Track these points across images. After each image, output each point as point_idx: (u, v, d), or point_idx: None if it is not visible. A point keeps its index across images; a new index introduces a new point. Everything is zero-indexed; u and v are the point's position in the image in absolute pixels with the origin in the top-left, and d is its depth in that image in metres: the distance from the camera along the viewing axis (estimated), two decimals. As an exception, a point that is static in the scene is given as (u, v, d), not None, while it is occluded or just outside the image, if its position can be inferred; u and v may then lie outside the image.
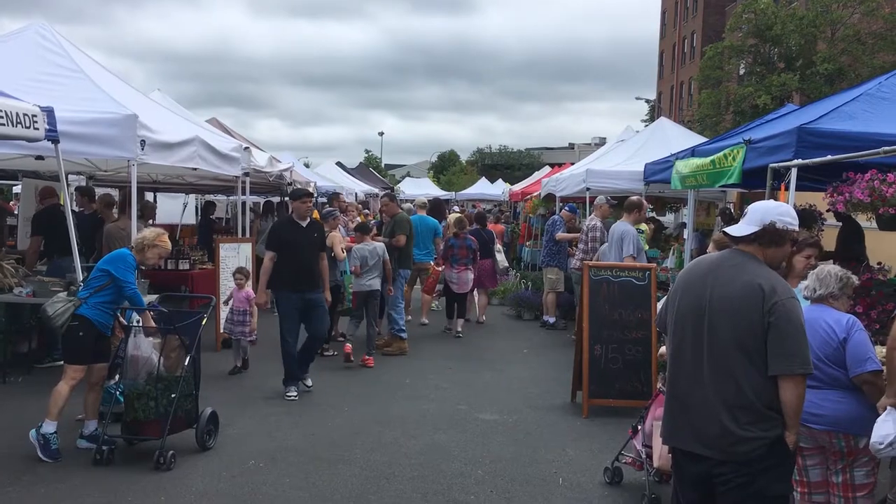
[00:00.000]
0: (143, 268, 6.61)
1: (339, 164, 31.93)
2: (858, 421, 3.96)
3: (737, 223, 3.63)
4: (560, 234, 12.67)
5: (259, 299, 8.43)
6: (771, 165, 6.96)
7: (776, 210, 3.54)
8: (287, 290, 8.03)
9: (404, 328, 10.46)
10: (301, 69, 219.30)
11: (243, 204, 11.60)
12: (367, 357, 9.54)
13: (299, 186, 15.33)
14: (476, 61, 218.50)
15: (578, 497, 5.54)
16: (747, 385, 3.36)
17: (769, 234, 3.49)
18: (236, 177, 10.47)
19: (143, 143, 7.57)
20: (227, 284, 10.07)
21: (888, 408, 3.51)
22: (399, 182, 52.13)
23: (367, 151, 75.54)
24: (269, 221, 13.53)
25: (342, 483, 5.66)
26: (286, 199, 14.63)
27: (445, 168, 75.22)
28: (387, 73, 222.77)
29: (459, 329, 11.91)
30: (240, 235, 11.51)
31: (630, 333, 7.76)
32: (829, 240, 9.21)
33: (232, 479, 5.66)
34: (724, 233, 3.65)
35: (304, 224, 8.20)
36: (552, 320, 12.76)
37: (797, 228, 3.55)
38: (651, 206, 17.50)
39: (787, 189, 6.96)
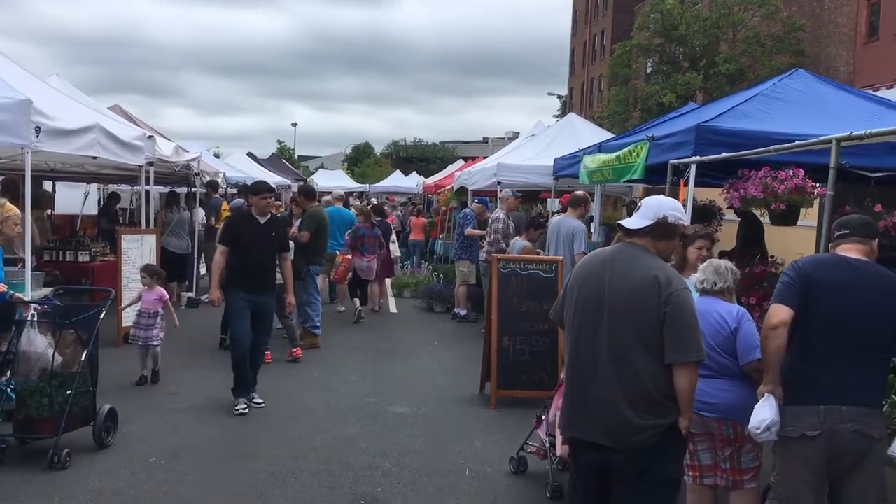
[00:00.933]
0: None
1: (250, 154, 31.32)
2: (746, 409, 4.13)
3: None
4: (469, 231, 12.77)
5: (212, 296, 7.56)
6: (671, 162, 7.19)
7: (668, 205, 3.67)
8: (238, 290, 7.33)
9: (318, 325, 10.34)
10: (212, 57, 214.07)
11: (147, 194, 11.24)
12: (293, 350, 9.43)
13: (210, 178, 15.05)
14: (392, 53, 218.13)
15: (484, 487, 5.61)
16: (645, 374, 3.46)
17: (661, 228, 3.60)
18: (139, 166, 10.15)
19: (38, 129, 7.23)
20: (129, 277, 9.77)
21: (766, 394, 3.69)
22: (313, 174, 51.53)
23: (279, 142, 74.18)
24: (175, 213, 13.16)
25: (247, 479, 5.57)
26: (192, 189, 14.28)
27: (360, 160, 74.71)
28: (301, 63, 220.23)
29: (363, 314, 12.49)
30: (143, 227, 11.16)
31: (537, 325, 7.88)
32: (728, 235, 9.57)
33: (131, 477, 5.50)
34: (619, 225, 3.75)
35: (263, 221, 7.52)
36: (463, 313, 12.86)
37: (685, 223, 3.68)
38: (561, 201, 17.86)
39: (686, 185, 7.21)
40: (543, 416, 5.60)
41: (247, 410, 7.13)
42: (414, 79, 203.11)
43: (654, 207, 3.65)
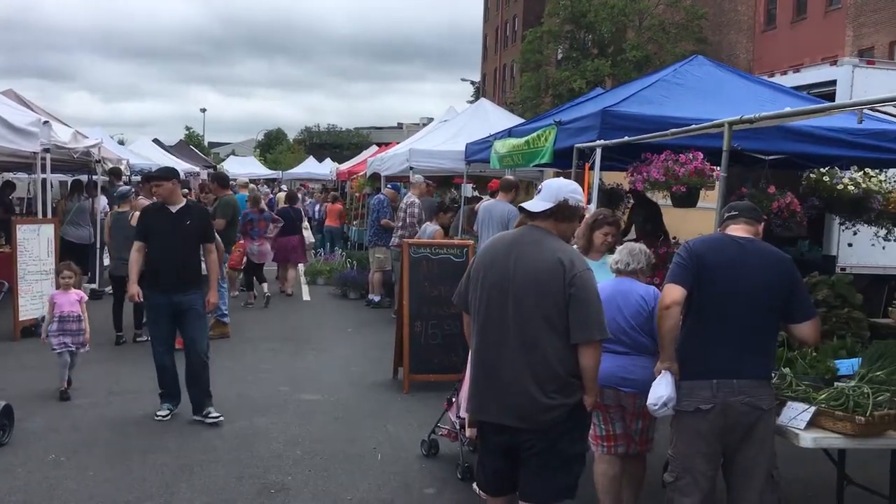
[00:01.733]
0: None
1: (156, 140, 30.37)
2: None
3: None
4: (385, 221, 12.72)
5: (131, 290, 6.79)
6: (576, 146, 7.32)
7: (568, 188, 3.73)
8: (151, 289, 6.65)
9: (227, 313, 10.14)
10: (114, 39, 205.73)
11: (44, 182, 10.77)
12: None
13: (112, 165, 14.52)
14: (302, 37, 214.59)
15: (396, 471, 5.63)
16: (552, 355, 3.53)
17: (563, 210, 3.67)
18: (34, 153, 9.71)
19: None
20: (25, 269, 9.36)
21: (663, 371, 3.81)
22: (223, 161, 50.40)
23: (188, 129, 72.21)
24: (75, 201, 12.67)
25: (152, 472, 5.44)
26: (93, 177, 13.78)
27: (272, 146, 73.51)
28: (208, 47, 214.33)
29: (266, 292, 12.79)
30: (40, 216, 10.70)
31: (449, 309, 7.89)
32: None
33: (28, 476, 5.30)
34: (521, 208, 3.80)
35: (175, 209, 6.72)
36: (377, 299, 12.83)
37: (584, 205, 3.76)
38: (474, 186, 17.99)
39: (591, 169, 7.36)
40: (454, 399, 5.64)
41: (167, 417, 6.59)
42: (326, 64, 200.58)
43: (555, 190, 3.70)
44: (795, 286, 3.82)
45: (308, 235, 15.16)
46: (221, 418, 6.52)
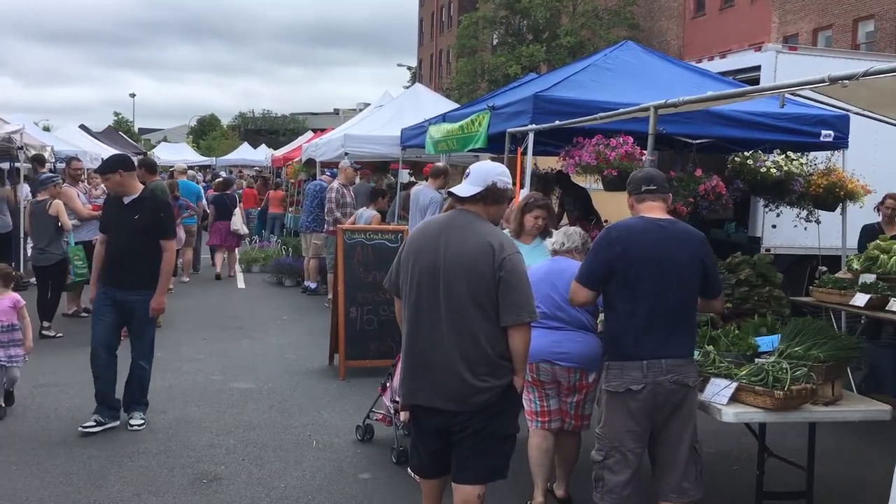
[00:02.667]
0: None
1: (82, 126, 29.44)
2: (594, 358, 4.39)
3: None
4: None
5: (91, 293, 6.34)
6: (508, 130, 7.37)
7: (495, 171, 3.76)
8: (101, 282, 6.18)
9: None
10: (37, 22, 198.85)
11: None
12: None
13: (35, 152, 14.02)
14: (234, 21, 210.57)
15: (330, 457, 5.61)
16: (483, 338, 3.57)
17: (492, 194, 3.69)
18: (-50, 139, 9.34)
19: None
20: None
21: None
22: (154, 147, 49.19)
23: (116, 114, 70.16)
24: (-5, 190, 12.17)
25: (80, 466, 5.30)
26: (15, 164, 13.31)
27: (205, 133, 72.00)
28: (137, 30, 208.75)
29: (186, 278, 13.25)
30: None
31: (384, 295, 7.83)
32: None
33: (-52, 474, 5.12)
34: (450, 193, 3.82)
35: (127, 201, 6.16)
36: (313, 286, 12.74)
37: (512, 187, 3.80)
38: (410, 171, 17.96)
39: (524, 153, 7.42)
40: (388, 384, 5.65)
41: (94, 430, 5.91)
42: (259, 48, 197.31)
43: (483, 174, 3.72)
44: (712, 263, 3.95)
45: (236, 221, 14.81)
46: (143, 427, 6.08)
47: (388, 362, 7.40)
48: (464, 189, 3.71)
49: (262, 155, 35.81)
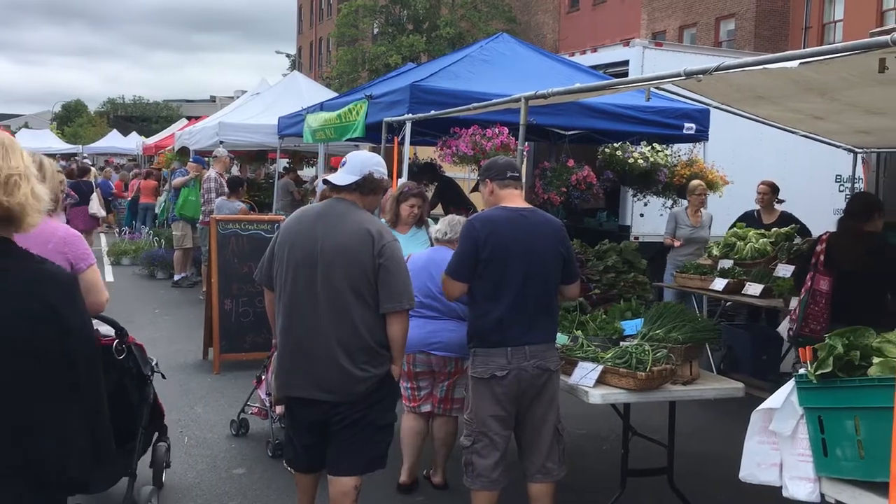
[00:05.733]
0: None
1: (-68, 111, 27.39)
2: (466, 346, 4.45)
3: None
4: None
5: None
6: (385, 120, 7.36)
7: (372, 161, 3.76)
8: None
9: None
10: None
11: None
12: None
13: None
14: (100, 2, 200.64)
15: (204, 453, 5.46)
16: (362, 326, 3.56)
17: (368, 183, 3.69)
18: None
19: None
20: None
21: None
22: (15, 133, 46.35)
23: (-28, 98, 65.77)
24: None
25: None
26: None
27: (71, 119, 68.44)
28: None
29: None
30: None
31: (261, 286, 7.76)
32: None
33: None
34: (326, 181, 3.79)
35: None
36: (178, 277, 12.36)
37: (388, 177, 3.80)
38: (289, 161, 17.66)
39: (401, 143, 7.43)
40: (263, 376, 5.56)
41: None
42: (128, 31, 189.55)
43: (360, 164, 3.71)
44: (570, 250, 4.07)
45: (94, 206, 14.08)
46: None
47: (264, 355, 7.29)
48: (340, 178, 3.70)
49: (132, 143, 34.33)
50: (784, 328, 5.60)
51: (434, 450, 4.89)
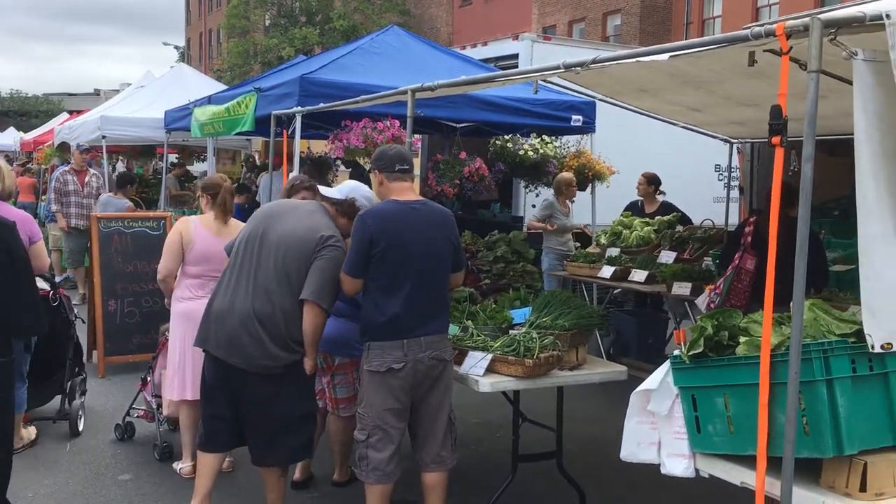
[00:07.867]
0: None
1: None
2: (340, 343, 4.42)
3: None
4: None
5: None
6: (274, 113, 7.23)
7: (363, 192, 4.23)
8: None
9: None
10: None
11: None
12: None
13: None
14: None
15: (86, 460, 5.24)
16: (282, 313, 3.87)
17: (347, 206, 4.15)
18: None
19: None
20: None
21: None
22: None
23: None
24: None
25: None
26: None
27: (-58, 114, 64.37)
28: None
29: None
30: None
31: (147, 285, 7.47)
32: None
33: None
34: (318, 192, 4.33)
35: None
36: (59, 279, 11.81)
37: (366, 206, 4.11)
38: (178, 156, 17.14)
39: (291, 136, 7.32)
40: (149, 378, 5.39)
41: None
42: (2, 23, 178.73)
43: (349, 189, 4.23)
44: (458, 239, 4.13)
45: None
46: None
47: (151, 356, 7.07)
48: (328, 190, 4.27)
49: (10, 138, 32.57)
50: (703, 301, 5.71)
51: (330, 448, 4.86)
